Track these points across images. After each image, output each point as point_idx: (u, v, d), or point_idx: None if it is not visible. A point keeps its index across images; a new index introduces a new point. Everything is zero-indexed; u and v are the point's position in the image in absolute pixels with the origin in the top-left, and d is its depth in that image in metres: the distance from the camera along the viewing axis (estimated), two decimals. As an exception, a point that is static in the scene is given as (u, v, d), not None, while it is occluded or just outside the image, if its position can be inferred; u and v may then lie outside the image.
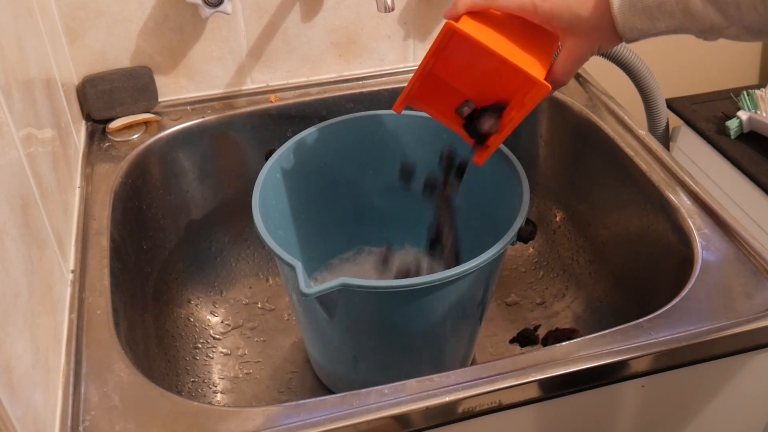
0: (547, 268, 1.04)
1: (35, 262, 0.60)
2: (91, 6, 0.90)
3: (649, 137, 0.91)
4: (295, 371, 0.93)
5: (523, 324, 0.98)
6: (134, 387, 0.62)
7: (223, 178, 1.01)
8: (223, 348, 0.96)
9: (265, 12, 0.97)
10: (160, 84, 0.98)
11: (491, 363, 0.63)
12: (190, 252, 1.00)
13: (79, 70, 0.94)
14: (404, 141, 0.90)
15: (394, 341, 0.79)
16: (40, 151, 0.69)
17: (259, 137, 1.00)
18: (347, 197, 0.94)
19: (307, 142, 0.85)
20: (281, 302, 1.02)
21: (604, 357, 0.64)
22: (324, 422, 0.58)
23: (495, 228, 0.75)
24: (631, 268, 0.90)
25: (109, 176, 0.87)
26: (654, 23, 0.62)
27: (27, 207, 0.60)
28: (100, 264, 0.74)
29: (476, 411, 0.62)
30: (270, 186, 0.80)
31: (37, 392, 0.55)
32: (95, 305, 0.70)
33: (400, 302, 0.72)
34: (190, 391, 0.88)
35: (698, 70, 1.38)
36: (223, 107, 0.99)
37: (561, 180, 1.05)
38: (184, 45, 0.96)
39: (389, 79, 1.05)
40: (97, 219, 0.80)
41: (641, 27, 0.63)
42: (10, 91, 0.62)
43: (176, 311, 0.96)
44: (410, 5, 1.01)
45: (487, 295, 0.79)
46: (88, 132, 0.95)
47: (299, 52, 1.01)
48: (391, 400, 0.60)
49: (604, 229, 0.96)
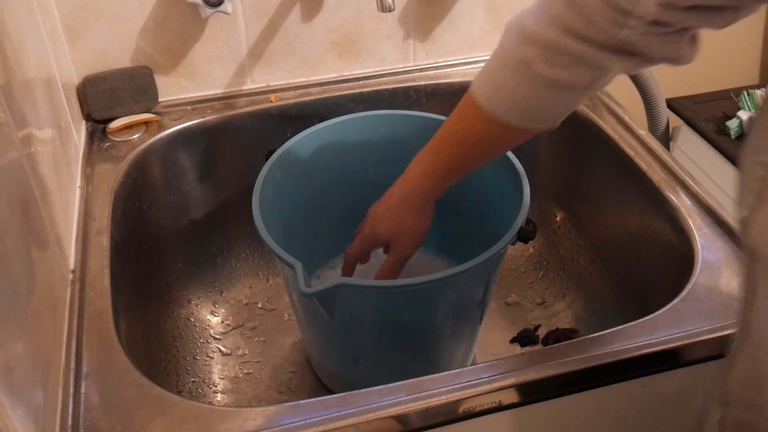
0: (547, 268, 1.04)
1: (35, 262, 0.60)
2: (91, 6, 0.90)
3: (649, 137, 0.91)
4: (295, 371, 0.93)
5: (523, 324, 0.98)
6: (134, 387, 0.62)
7: (223, 178, 1.01)
8: (224, 348, 0.96)
9: (265, 12, 0.97)
10: (161, 84, 0.98)
11: (491, 363, 0.63)
12: (190, 252, 1.00)
13: (80, 70, 0.94)
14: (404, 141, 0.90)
15: (394, 341, 0.78)
16: (41, 151, 0.69)
17: (259, 137, 0.99)
18: (347, 197, 0.94)
19: (307, 142, 0.85)
20: (281, 302, 1.02)
21: (604, 357, 0.64)
22: (324, 422, 0.58)
23: (495, 228, 0.75)
24: (631, 268, 0.90)
25: (109, 176, 0.87)
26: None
27: (27, 207, 0.60)
28: (100, 264, 0.74)
29: (476, 411, 0.62)
30: (270, 186, 0.80)
31: (37, 392, 0.55)
32: (95, 305, 0.70)
33: (400, 302, 0.72)
34: (190, 391, 0.88)
35: (698, 70, 1.38)
36: (224, 107, 0.99)
37: (561, 180, 1.05)
38: (184, 45, 0.96)
39: (389, 79, 1.05)
40: (97, 219, 0.80)
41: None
42: (10, 91, 0.62)
43: (176, 311, 0.96)
44: (410, 5, 1.01)
45: (487, 295, 0.79)
46: (89, 132, 0.95)
47: (299, 52, 1.01)
48: (391, 400, 0.60)
49: (604, 229, 0.96)
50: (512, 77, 0.61)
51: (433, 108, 1.03)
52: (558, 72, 0.59)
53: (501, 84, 0.63)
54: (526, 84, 0.61)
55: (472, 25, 1.05)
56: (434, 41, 1.05)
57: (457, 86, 1.04)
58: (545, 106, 0.63)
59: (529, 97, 0.62)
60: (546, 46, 0.58)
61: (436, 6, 1.02)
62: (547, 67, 0.59)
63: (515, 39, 0.61)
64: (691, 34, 0.56)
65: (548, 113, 0.64)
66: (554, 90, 0.61)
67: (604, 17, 0.54)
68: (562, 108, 0.64)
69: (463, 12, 1.04)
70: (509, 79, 0.62)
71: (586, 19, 0.55)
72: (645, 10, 0.52)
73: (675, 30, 0.54)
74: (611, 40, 0.55)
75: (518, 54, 0.60)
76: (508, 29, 0.62)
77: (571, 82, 0.59)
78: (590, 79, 0.59)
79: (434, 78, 1.05)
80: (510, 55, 0.61)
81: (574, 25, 0.56)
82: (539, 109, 0.63)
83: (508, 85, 0.62)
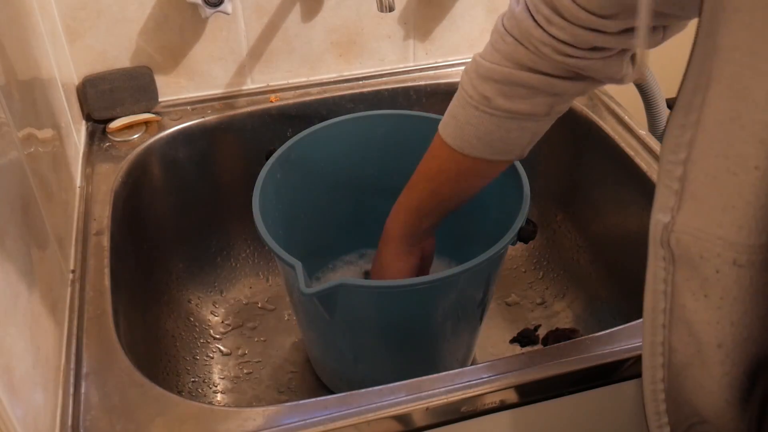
0: (547, 268, 1.04)
1: (35, 262, 0.60)
2: (91, 6, 0.90)
3: (649, 137, 0.91)
4: (295, 371, 0.93)
5: (523, 324, 0.98)
6: (134, 387, 0.62)
7: (223, 178, 1.01)
8: (224, 348, 0.96)
9: (265, 12, 0.97)
10: (161, 84, 0.98)
11: (491, 363, 0.63)
12: (190, 252, 1.00)
13: (80, 70, 0.94)
14: (404, 141, 0.90)
15: (394, 341, 0.78)
16: (41, 151, 0.69)
17: (259, 137, 1.00)
18: (348, 197, 0.94)
19: (307, 142, 0.85)
20: (281, 302, 1.02)
21: (604, 357, 0.64)
22: (324, 422, 0.58)
23: (495, 228, 0.75)
24: (631, 267, 0.90)
25: (109, 176, 0.87)
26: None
27: (27, 207, 0.60)
28: (100, 264, 0.74)
29: (476, 411, 0.62)
30: (270, 186, 0.80)
31: (37, 392, 0.55)
32: (95, 305, 0.70)
33: (400, 302, 0.72)
34: (190, 391, 0.88)
35: (698, 70, 1.38)
36: (223, 107, 0.99)
37: (561, 180, 1.05)
38: (184, 45, 0.96)
39: (389, 79, 1.05)
40: (97, 219, 0.80)
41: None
42: (10, 91, 0.62)
43: (176, 311, 0.96)
44: (410, 5, 1.01)
45: (487, 295, 0.79)
46: (89, 132, 0.95)
47: (299, 52, 1.01)
48: (391, 400, 0.60)
49: (604, 229, 0.96)
50: (475, 113, 0.65)
51: (433, 108, 1.03)
52: (517, 103, 0.63)
53: (464, 121, 0.67)
54: (489, 118, 0.65)
55: (472, 25, 1.05)
56: (434, 41, 1.05)
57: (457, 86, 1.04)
58: (510, 137, 0.66)
59: (493, 131, 0.66)
60: (502, 81, 0.62)
61: (436, 6, 1.02)
62: (505, 101, 0.63)
63: (473, 78, 0.65)
64: (631, 54, 0.60)
65: (514, 144, 0.68)
66: (516, 121, 0.65)
67: (549, 49, 0.58)
68: (527, 137, 0.68)
69: (463, 12, 1.04)
70: (472, 116, 0.66)
71: (535, 52, 0.60)
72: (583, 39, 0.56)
73: (615, 53, 0.59)
74: (560, 68, 0.60)
75: (477, 92, 0.64)
76: (465, 71, 0.67)
77: (531, 111, 0.64)
78: (548, 107, 0.64)
79: (434, 78, 1.05)
80: (470, 94, 0.65)
81: (524, 59, 0.61)
82: (504, 140, 0.67)
83: (471, 122, 0.66)
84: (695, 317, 0.45)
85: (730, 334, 0.43)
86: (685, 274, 0.45)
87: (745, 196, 0.40)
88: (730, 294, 0.43)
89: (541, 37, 0.58)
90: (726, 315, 0.43)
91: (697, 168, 0.43)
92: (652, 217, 0.47)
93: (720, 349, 0.44)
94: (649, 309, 0.49)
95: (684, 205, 0.44)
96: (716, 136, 0.41)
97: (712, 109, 0.41)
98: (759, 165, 0.39)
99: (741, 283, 0.42)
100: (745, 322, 0.43)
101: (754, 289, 0.42)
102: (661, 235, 0.46)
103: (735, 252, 0.41)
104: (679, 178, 0.44)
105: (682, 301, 0.46)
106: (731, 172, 0.41)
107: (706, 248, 0.43)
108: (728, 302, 0.43)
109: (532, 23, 0.58)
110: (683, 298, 0.46)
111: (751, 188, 0.40)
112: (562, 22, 0.56)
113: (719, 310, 0.43)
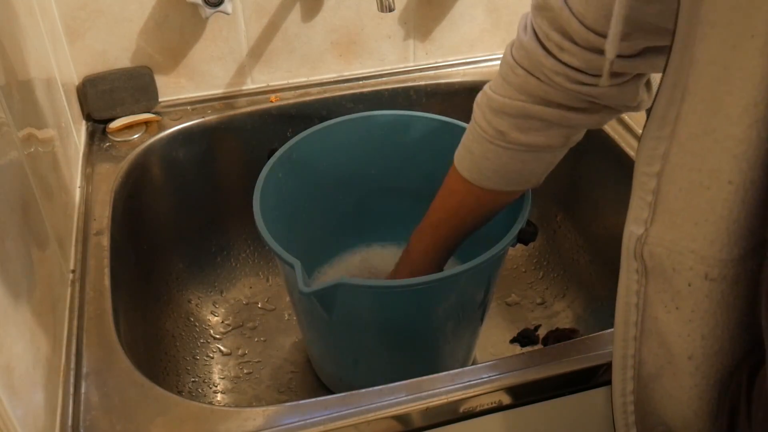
0: (547, 268, 1.04)
1: (35, 262, 0.60)
2: (91, 6, 0.90)
3: (650, 137, 0.91)
4: (295, 371, 0.93)
5: (523, 324, 0.98)
6: (134, 387, 0.62)
7: (223, 178, 1.01)
8: (224, 348, 0.96)
9: (265, 12, 0.97)
10: (161, 84, 0.98)
11: (491, 363, 0.63)
12: (190, 252, 1.00)
13: (80, 70, 0.94)
14: (405, 141, 0.90)
15: (394, 341, 0.78)
16: (41, 151, 0.69)
17: (259, 137, 1.00)
18: (348, 197, 0.94)
19: (307, 142, 0.85)
20: (281, 302, 1.02)
21: (604, 357, 0.64)
22: (324, 422, 0.58)
23: (495, 229, 0.75)
24: (631, 268, 0.90)
25: (109, 176, 0.87)
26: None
27: (27, 207, 0.60)
28: (100, 264, 0.74)
29: (476, 411, 0.62)
30: (271, 186, 0.80)
31: (37, 392, 0.55)
32: (95, 305, 0.70)
33: (400, 302, 0.72)
34: (190, 391, 0.88)
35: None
36: (224, 107, 0.99)
37: (561, 180, 1.05)
38: (184, 45, 0.96)
39: (389, 79, 1.05)
40: (97, 219, 0.80)
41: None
42: (10, 91, 0.62)
43: (176, 311, 0.96)
44: (410, 5, 1.01)
45: (487, 296, 0.79)
46: (89, 132, 0.95)
47: (299, 52, 1.01)
48: (391, 400, 0.60)
49: (604, 229, 0.96)
50: (490, 147, 0.65)
51: (433, 108, 1.03)
52: (532, 136, 0.62)
53: (480, 155, 0.66)
54: (505, 152, 0.64)
55: (472, 25, 1.05)
56: (434, 41, 1.05)
57: (457, 86, 1.05)
58: (527, 169, 0.66)
59: (509, 163, 0.65)
60: (515, 114, 0.61)
61: (436, 6, 1.02)
62: (521, 134, 0.62)
63: (486, 112, 0.64)
64: (646, 80, 0.59)
65: (531, 174, 0.68)
66: (532, 153, 0.64)
67: (562, 78, 0.57)
68: (543, 166, 0.67)
69: (463, 12, 1.04)
70: (488, 150, 0.65)
71: (548, 82, 0.58)
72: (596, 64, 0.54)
73: (630, 78, 0.57)
74: (574, 97, 0.58)
75: (491, 126, 0.63)
76: (477, 105, 0.66)
77: (547, 143, 0.63)
78: (564, 138, 0.63)
79: (434, 78, 1.05)
80: (484, 128, 0.64)
81: (537, 90, 0.59)
82: (521, 172, 0.67)
83: (487, 156, 0.66)
84: (667, 329, 0.45)
85: (700, 346, 0.43)
86: (657, 287, 0.45)
87: (718, 210, 0.40)
88: (702, 307, 0.43)
89: (553, 66, 0.56)
90: (697, 328, 0.43)
91: (671, 181, 0.43)
92: (625, 229, 0.47)
93: (690, 361, 0.44)
94: (621, 323, 0.49)
95: (657, 218, 0.44)
96: (690, 149, 0.41)
97: (686, 123, 0.41)
98: (732, 179, 0.39)
99: (712, 296, 0.42)
100: (716, 335, 0.43)
101: (726, 303, 0.42)
102: (635, 247, 0.46)
103: (707, 266, 0.41)
104: (653, 190, 0.44)
105: (654, 314, 0.46)
106: (704, 186, 0.40)
107: (679, 261, 0.43)
108: (699, 315, 0.43)
109: (542, 52, 0.57)
110: (655, 310, 0.46)
111: (724, 203, 0.40)
112: (573, 48, 0.54)
113: (690, 323, 0.43)
